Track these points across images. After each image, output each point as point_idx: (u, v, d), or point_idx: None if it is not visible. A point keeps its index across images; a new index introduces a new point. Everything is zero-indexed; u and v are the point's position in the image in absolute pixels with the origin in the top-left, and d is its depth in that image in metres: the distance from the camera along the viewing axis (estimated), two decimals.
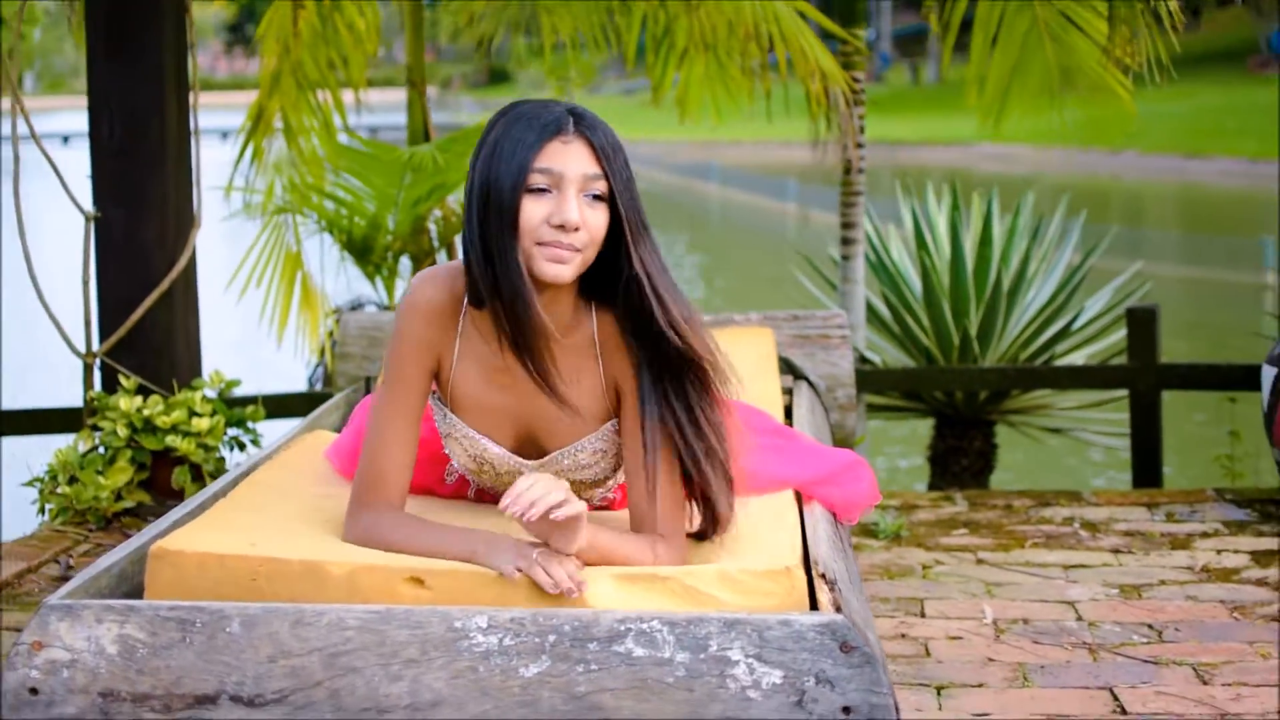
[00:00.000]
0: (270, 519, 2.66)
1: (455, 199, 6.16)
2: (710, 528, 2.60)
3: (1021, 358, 6.89)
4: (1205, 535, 4.77)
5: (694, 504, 2.61)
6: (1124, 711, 3.25)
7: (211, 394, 5.07)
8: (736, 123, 7.15)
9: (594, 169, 2.45)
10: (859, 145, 6.23)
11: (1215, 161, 30.14)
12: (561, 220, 2.43)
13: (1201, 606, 4.01)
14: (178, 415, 4.82)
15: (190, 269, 5.18)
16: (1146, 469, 6.09)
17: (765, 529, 2.73)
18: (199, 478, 4.88)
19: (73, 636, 2.29)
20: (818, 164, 6.97)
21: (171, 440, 4.77)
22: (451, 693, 2.29)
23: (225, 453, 5.03)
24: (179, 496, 4.90)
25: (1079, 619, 3.94)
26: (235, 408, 5.11)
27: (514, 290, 2.46)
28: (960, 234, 6.81)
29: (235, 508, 2.70)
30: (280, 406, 5.66)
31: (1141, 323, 6.02)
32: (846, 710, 2.28)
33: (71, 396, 6.28)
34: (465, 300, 2.58)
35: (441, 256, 6.17)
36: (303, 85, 6.63)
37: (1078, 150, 30.52)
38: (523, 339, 2.50)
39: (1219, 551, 4.58)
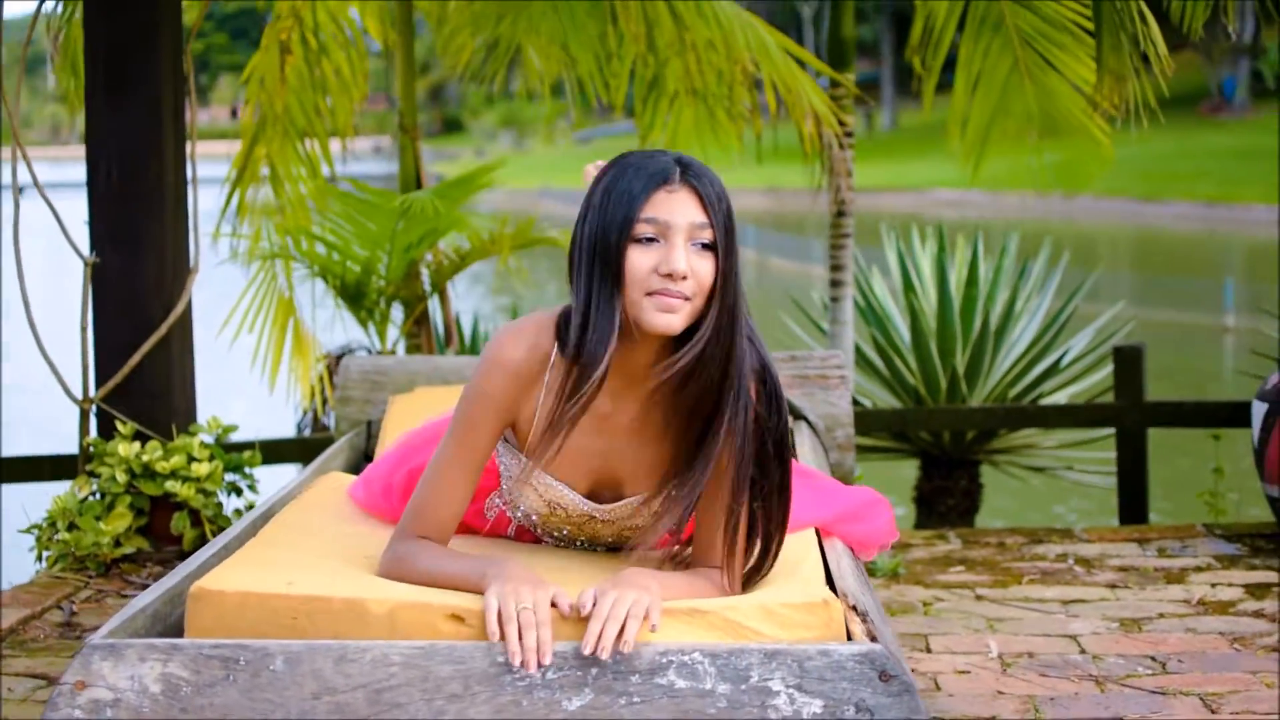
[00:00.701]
0: (302, 558, 2.67)
1: (446, 244, 6.20)
2: (767, 565, 2.63)
3: (1009, 396, 6.95)
4: (1199, 569, 4.82)
5: (753, 541, 2.62)
6: None
7: (209, 439, 5.08)
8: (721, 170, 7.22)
9: (701, 218, 2.46)
10: (848, 189, 6.29)
11: (1170, 205, 30.45)
12: (670, 269, 2.43)
13: (1202, 638, 4.06)
14: (177, 461, 4.82)
15: (186, 314, 5.19)
16: (1133, 506, 6.15)
17: (789, 564, 2.75)
18: (198, 523, 4.88)
19: (116, 676, 2.29)
20: (772, 211, 7.06)
21: (171, 486, 4.77)
22: None
23: (223, 498, 5.03)
24: (177, 542, 4.90)
25: (1083, 652, 3.98)
26: (231, 453, 5.11)
27: (601, 339, 2.45)
28: (947, 276, 6.88)
29: (266, 547, 2.71)
30: (274, 452, 5.66)
31: (1128, 361, 6.10)
32: None
33: (58, 443, 6.27)
34: (553, 354, 2.57)
35: (434, 302, 6.20)
36: (289, 132, 6.68)
37: (1033, 196, 30.75)
38: (576, 381, 2.50)
39: (1214, 585, 4.63)
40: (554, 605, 2.36)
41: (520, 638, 2.30)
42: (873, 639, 2.46)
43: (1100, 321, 7.52)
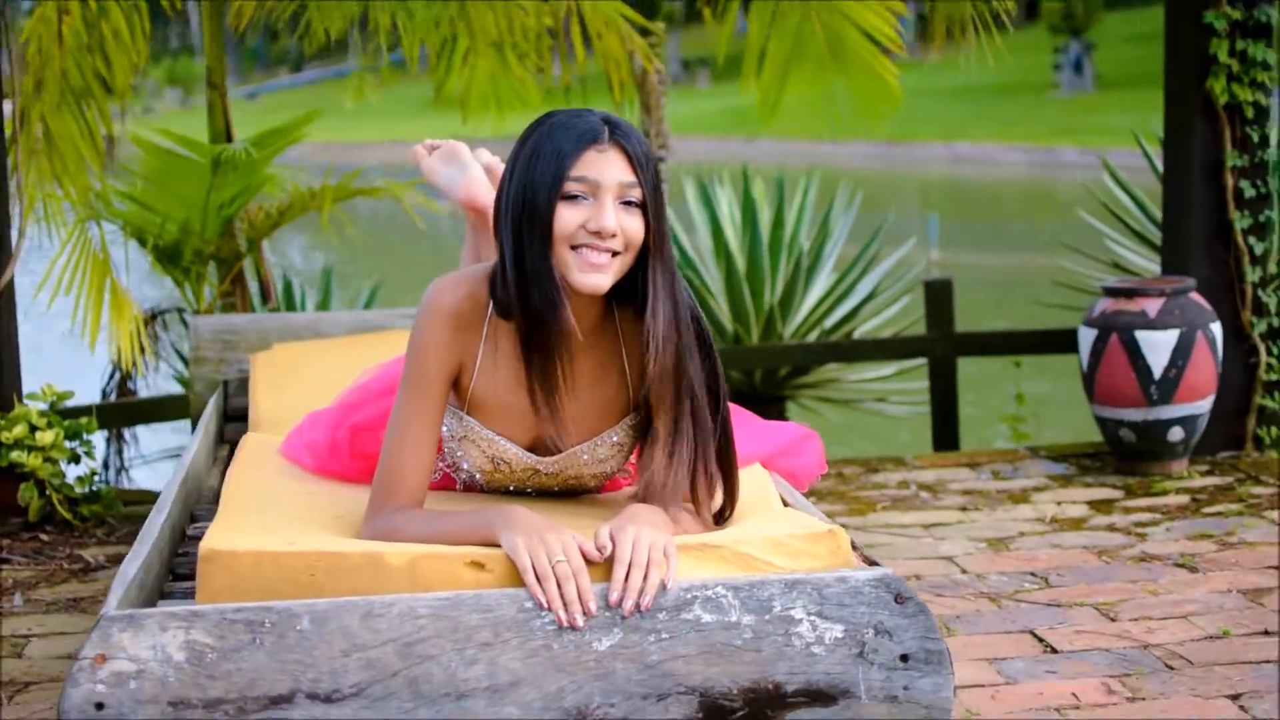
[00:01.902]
0: (282, 519, 2.61)
1: (260, 202, 6.03)
2: (729, 507, 2.66)
3: (824, 327, 7.12)
4: (1039, 489, 5.05)
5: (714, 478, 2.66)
6: (1055, 650, 3.44)
7: (43, 407, 4.88)
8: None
9: (629, 177, 2.48)
10: (659, 135, 6.35)
11: (848, 145, 30.88)
12: (598, 227, 2.45)
13: (1069, 553, 4.26)
14: (20, 430, 4.61)
15: (9, 284, 4.95)
16: (945, 433, 6.39)
17: (754, 500, 2.80)
18: (43, 493, 4.68)
19: (137, 647, 2.21)
20: None
21: (17, 456, 4.57)
22: (528, 672, 2.30)
23: (63, 466, 4.84)
24: (22, 513, 4.70)
25: (964, 572, 4.14)
26: (68, 419, 4.92)
27: (546, 298, 2.47)
28: (757, 217, 7.00)
29: (242, 511, 2.63)
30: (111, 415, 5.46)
31: (938, 294, 6.32)
32: (904, 658, 2.39)
33: None
34: (490, 309, 2.57)
35: (249, 263, 6.04)
36: (65, 92, 6.40)
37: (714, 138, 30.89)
38: (544, 347, 2.51)
39: (1059, 503, 4.86)
40: None
41: (561, 591, 2.31)
42: (870, 564, 2.53)
43: (898, 255, 7.75)
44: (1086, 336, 5.19)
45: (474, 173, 3.48)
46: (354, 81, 6.74)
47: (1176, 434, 5.08)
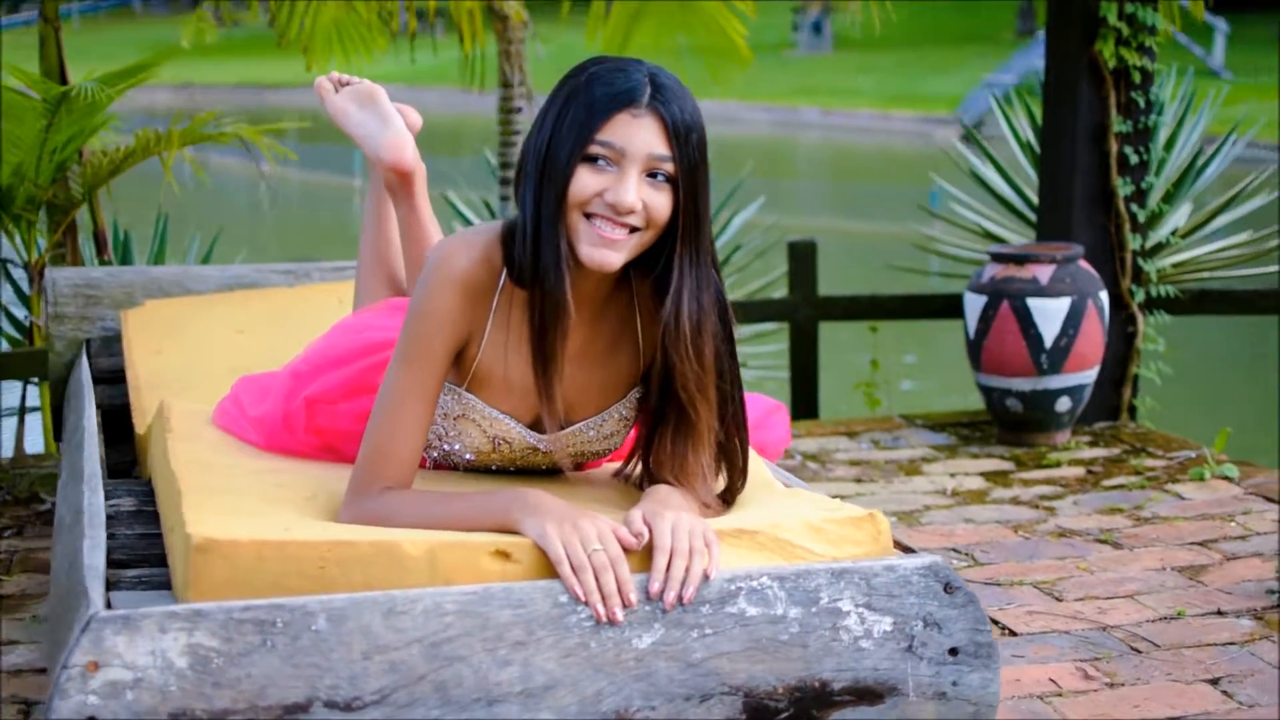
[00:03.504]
0: (256, 502, 2.34)
1: (95, 146, 5.61)
2: (740, 483, 2.48)
3: None
4: (926, 460, 4.97)
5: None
6: (1014, 633, 3.34)
7: None
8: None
9: (662, 149, 2.24)
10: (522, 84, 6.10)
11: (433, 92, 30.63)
12: (615, 199, 2.22)
13: (985, 529, 4.17)
14: None
15: None
16: (805, 399, 6.28)
17: (757, 481, 2.62)
18: None
19: (134, 652, 1.94)
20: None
21: None
22: (564, 673, 2.09)
23: None
24: None
25: None
26: None
27: (549, 264, 2.26)
28: None
29: (205, 492, 2.34)
30: None
31: (801, 256, 6.19)
32: (953, 652, 2.24)
33: None
34: (504, 273, 2.33)
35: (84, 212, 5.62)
36: None
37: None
38: (542, 320, 2.29)
39: (952, 475, 4.78)
40: None
41: (599, 583, 2.09)
42: (906, 550, 2.37)
43: (745, 215, 7.61)
44: (974, 303, 5.11)
45: (398, 125, 3.11)
46: (193, 21, 6.32)
47: (1064, 404, 5.05)
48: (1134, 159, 5.31)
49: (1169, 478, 4.61)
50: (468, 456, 2.49)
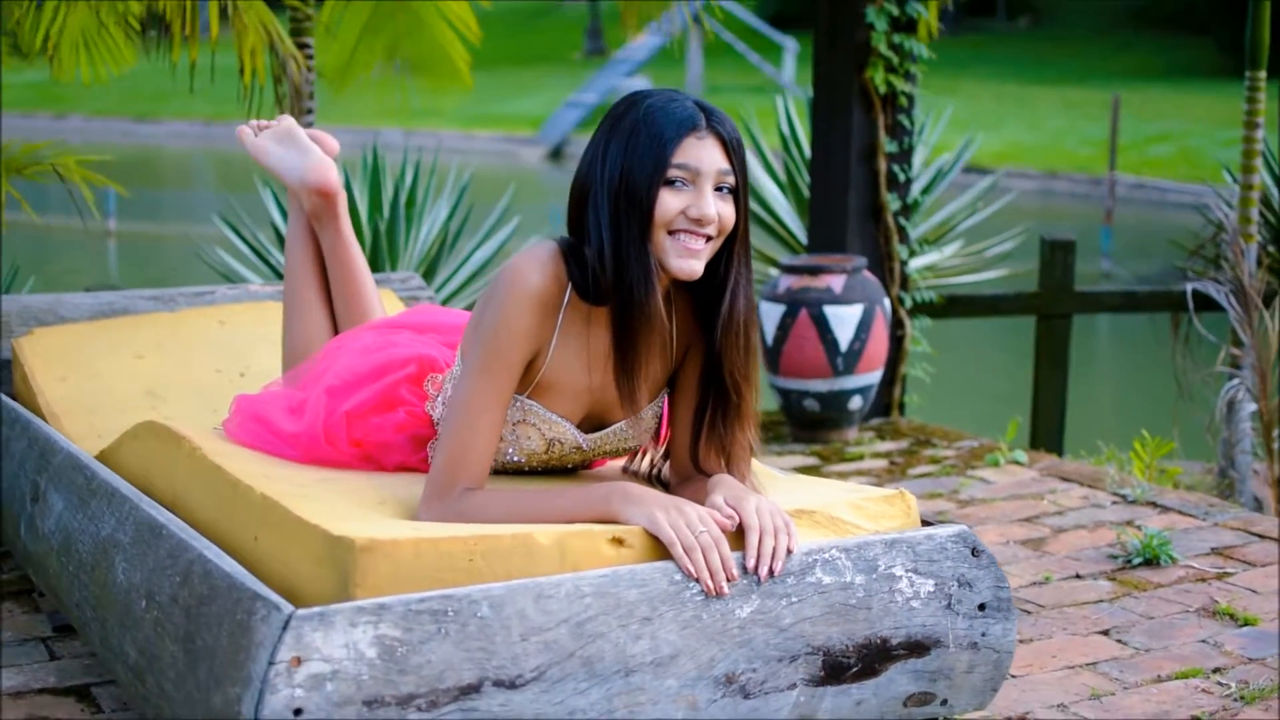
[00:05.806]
0: (346, 508, 2.49)
1: None
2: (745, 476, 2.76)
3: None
4: None
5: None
6: None
7: None
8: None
9: (726, 165, 2.52)
10: (309, 111, 6.17)
11: (164, 124, 30.50)
12: (699, 214, 2.48)
13: None
14: None
15: None
16: None
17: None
18: None
19: (330, 646, 2.09)
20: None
21: None
22: (684, 643, 2.33)
23: None
24: None
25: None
26: None
27: (641, 282, 2.49)
28: (381, 196, 6.91)
29: (304, 500, 2.48)
30: None
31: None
32: (982, 607, 2.58)
33: None
34: (569, 289, 2.55)
35: None
36: None
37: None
38: (631, 331, 2.52)
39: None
40: None
41: (707, 561, 2.35)
42: (928, 523, 2.70)
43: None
44: (772, 312, 5.51)
45: (317, 153, 3.33)
46: None
47: (856, 403, 5.49)
48: (901, 177, 5.81)
49: (965, 465, 5.09)
50: (518, 459, 2.69)
